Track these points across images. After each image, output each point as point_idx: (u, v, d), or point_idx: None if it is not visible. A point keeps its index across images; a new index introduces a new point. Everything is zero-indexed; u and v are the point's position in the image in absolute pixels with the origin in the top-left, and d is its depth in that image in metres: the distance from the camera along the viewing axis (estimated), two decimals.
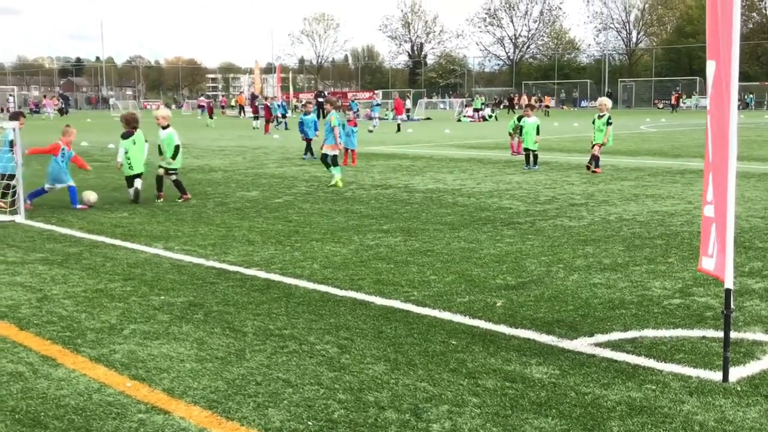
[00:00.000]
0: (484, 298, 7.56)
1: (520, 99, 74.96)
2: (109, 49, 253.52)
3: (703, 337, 6.30)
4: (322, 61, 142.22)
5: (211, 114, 58.43)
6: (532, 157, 20.72)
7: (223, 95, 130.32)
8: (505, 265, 8.99)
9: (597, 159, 19.41)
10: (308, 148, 24.38)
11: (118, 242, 10.68)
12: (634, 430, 4.61)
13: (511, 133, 25.27)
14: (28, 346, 6.30)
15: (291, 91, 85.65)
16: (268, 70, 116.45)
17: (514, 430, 4.64)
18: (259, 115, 47.15)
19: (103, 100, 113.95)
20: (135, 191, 14.54)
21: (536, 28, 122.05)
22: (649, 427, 4.66)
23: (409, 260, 9.31)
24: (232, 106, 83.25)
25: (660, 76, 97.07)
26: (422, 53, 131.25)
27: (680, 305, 7.25)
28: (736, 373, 5.45)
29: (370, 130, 42.22)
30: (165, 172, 14.77)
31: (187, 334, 6.53)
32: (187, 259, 9.55)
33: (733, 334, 6.06)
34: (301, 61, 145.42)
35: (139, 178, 14.63)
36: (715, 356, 5.79)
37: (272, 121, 43.46)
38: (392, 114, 48.84)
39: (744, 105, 78.23)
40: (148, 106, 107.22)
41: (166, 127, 14.83)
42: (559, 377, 5.46)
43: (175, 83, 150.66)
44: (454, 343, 6.24)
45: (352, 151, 22.52)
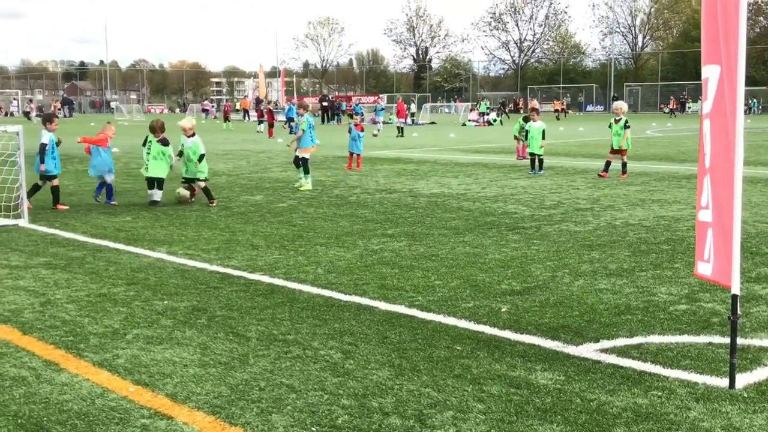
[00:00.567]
0: (489, 304, 7.53)
1: (525, 103, 74.84)
2: (114, 53, 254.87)
3: (710, 343, 6.27)
4: (327, 65, 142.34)
5: (227, 117, 58.70)
6: (537, 162, 20.69)
7: (228, 99, 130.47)
8: (510, 271, 8.96)
9: (624, 165, 19.38)
10: None
11: (121, 246, 10.67)
12: None
13: (516, 137, 25.22)
14: (31, 350, 6.28)
15: (295, 95, 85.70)
16: (273, 74, 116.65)
17: None
18: (263, 119, 47.15)
19: (107, 104, 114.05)
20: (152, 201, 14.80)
21: (541, 32, 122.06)
22: None
23: (413, 265, 9.28)
24: (237, 110, 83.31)
25: (666, 81, 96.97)
26: (427, 57, 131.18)
27: (686, 311, 7.21)
28: (743, 380, 5.41)
29: (375, 134, 42.22)
30: (190, 182, 15.02)
31: (191, 339, 6.51)
32: (191, 263, 9.53)
33: (740, 341, 6.03)
34: (306, 65, 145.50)
35: (160, 189, 14.84)
36: (722, 362, 5.76)
37: (286, 125, 43.44)
38: (395, 118, 48.79)
39: (748, 109, 78.17)
40: (152, 110, 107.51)
41: (192, 136, 15.08)
42: (565, 383, 5.43)
43: (180, 87, 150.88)
44: (458, 348, 6.21)
45: (358, 155, 22.50)
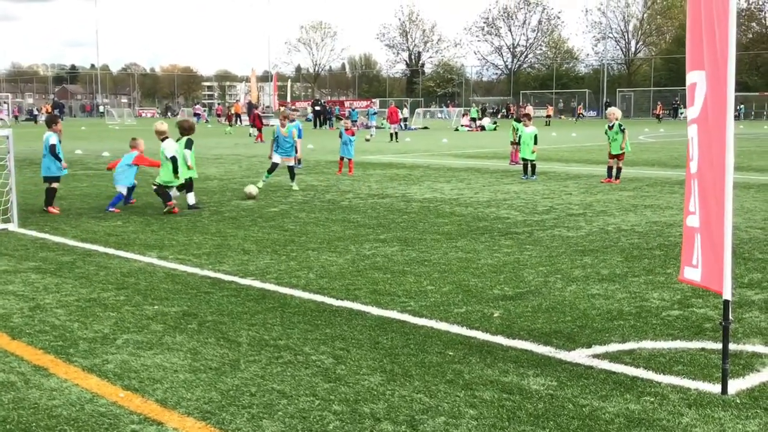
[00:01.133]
0: (481, 309, 7.51)
1: (519, 108, 74.91)
2: (105, 57, 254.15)
3: (702, 349, 6.26)
4: (319, 70, 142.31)
5: (230, 121, 58.75)
6: (530, 167, 20.70)
7: (219, 103, 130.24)
8: (502, 276, 8.94)
9: (619, 170, 19.39)
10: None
11: (111, 251, 10.62)
12: None
13: (513, 142, 25.13)
14: (20, 355, 6.24)
15: (288, 100, 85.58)
16: (265, 78, 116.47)
17: None
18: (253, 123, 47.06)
19: (98, 108, 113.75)
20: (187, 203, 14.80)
21: (534, 38, 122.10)
22: None
23: (405, 270, 9.26)
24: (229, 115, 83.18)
25: (659, 86, 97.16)
26: (420, 62, 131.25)
27: (679, 316, 7.20)
28: (735, 386, 5.40)
29: (368, 139, 42.21)
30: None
31: (181, 344, 6.47)
32: (182, 268, 9.48)
33: (732, 346, 6.02)
34: (298, 69, 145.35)
35: (185, 189, 14.82)
36: (714, 368, 5.74)
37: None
38: (387, 123, 48.69)
39: (737, 115, 78.41)
40: (143, 114, 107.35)
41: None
42: (557, 389, 5.41)
43: (171, 91, 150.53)
44: (451, 354, 6.19)
45: (349, 160, 22.48)
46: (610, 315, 7.28)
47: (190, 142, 14.81)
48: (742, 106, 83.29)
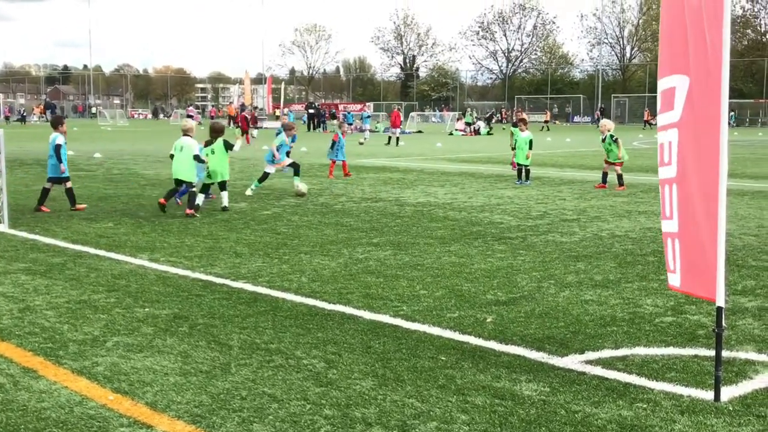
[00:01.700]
0: (474, 314, 7.49)
1: (515, 113, 74.91)
2: (98, 58, 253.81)
3: (695, 356, 6.24)
4: (314, 73, 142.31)
5: (244, 129, 58.82)
6: (524, 172, 20.69)
7: (213, 105, 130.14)
8: (495, 281, 8.92)
9: (620, 177, 19.33)
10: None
11: (102, 253, 10.57)
12: None
13: (513, 147, 24.95)
14: (8, 357, 6.19)
15: (282, 102, 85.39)
16: (258, 80, 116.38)
17: None
18: (251, 126, 47.00)
19: (90, 109, 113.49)
20: (222, 207, 14.88)
21: (529, 43, 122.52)
22: None
23: (398, 274, 9.23)
24: (221, 117, 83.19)
25: (654, 92, 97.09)
26: (414, 66, 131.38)
27: (672, 323, 7.18)
28: (728, 393, 5.38)
29: (361, 143, 42.19)
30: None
31: (172, 347, 6.43)
32: (173, 270, 9.44)
33: (726, 353, 6.00)
34: (292, 72, 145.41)
35: (224, 190, 14.93)
36: (707, 375, 5.73)
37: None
38: (383, 126, 48.68)
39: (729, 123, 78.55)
40: (136, 116, 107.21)
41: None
42: (549, 395, 5.38)
43: (164, 93, 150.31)
44: (443, 359, 6.16)
45: (342, 162, 22.49)
46: (603, 321, 7.26)
47: (228, 144, 14.92)
48: (733, 113, 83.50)
